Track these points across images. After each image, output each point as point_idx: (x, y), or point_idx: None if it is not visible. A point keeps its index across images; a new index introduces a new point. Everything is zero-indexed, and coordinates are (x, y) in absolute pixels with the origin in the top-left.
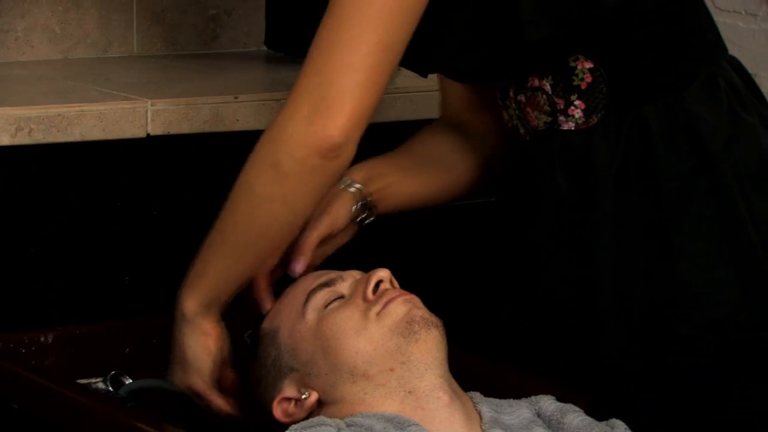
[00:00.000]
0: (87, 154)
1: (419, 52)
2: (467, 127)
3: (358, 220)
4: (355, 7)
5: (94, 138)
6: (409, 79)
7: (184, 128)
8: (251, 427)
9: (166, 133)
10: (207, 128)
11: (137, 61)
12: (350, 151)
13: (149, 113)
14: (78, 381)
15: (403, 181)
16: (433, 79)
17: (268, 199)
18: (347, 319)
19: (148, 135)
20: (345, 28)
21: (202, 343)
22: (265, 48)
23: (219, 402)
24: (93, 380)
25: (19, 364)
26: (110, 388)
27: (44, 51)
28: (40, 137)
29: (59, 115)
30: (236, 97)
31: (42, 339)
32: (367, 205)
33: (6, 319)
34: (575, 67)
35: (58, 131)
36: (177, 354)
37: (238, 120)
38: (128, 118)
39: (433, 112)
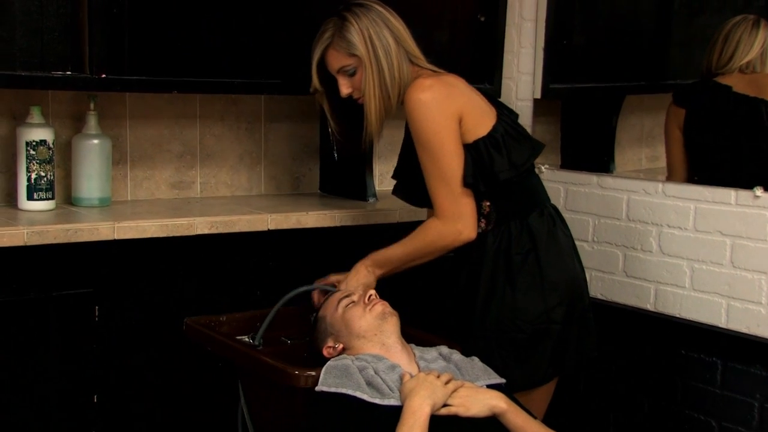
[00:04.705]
0: None
1: (412, 194)
2: None
3: None
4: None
5: None
6: None
7: None
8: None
9: None
10: None
11: None
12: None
13: None
14: (237, 337)
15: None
16: None
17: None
18: (356, 311)
19: None
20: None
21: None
22: None
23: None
24: (243, 337)
25: (213, 330)
26: (251, 341)
27: None
28: None
29: None
30: None
31: (222, 319)
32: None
33: None
34: (482, 205)
35: None
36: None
37: None
38: None
39: None
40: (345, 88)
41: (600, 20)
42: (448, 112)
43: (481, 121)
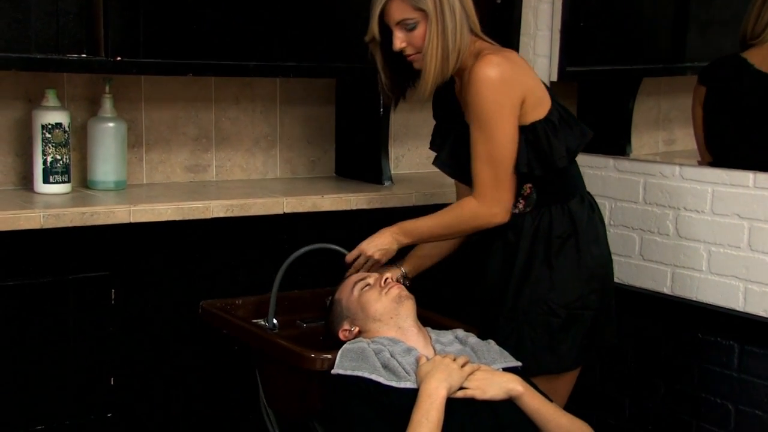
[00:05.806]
0: None
1: (459, 171)
2: None
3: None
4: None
5: None
6: None
7: None
8: (329, 345)
9: None
10: None
11: None
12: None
13: None
14: (252, 320)
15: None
16: None
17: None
18: (372, 295)
19: None
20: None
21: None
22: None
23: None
24: (259, 320)
25: (229, 314)
26: (266, 324)
27: None
28: None
29: None
30: None
31: (237, 302)
32: (405, 276)
33: None
34: (522, 187)
35: None
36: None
37: None
38: None
39: None
40: (400, 42)
41: (617, 2)
42: (513, 94)
43: (540, 102)
